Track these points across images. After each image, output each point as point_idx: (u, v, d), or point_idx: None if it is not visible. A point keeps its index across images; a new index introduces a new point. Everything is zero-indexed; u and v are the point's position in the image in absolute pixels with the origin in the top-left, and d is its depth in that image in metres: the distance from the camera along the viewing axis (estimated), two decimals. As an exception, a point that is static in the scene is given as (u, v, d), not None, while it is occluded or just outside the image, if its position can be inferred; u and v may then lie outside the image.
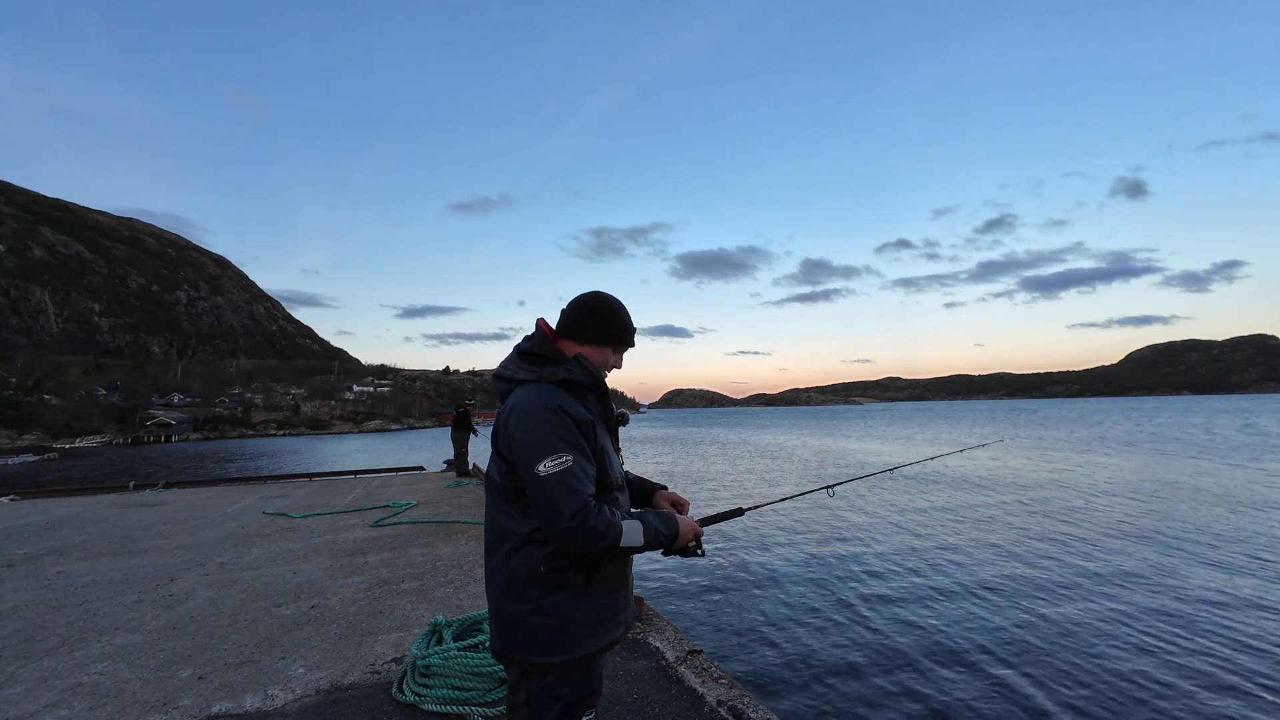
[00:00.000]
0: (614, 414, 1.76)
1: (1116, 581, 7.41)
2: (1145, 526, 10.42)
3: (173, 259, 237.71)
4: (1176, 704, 4.56)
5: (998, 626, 6.10)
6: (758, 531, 10.61)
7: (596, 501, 1.49)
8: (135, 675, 3.25)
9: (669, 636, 3.62)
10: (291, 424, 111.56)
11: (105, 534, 7.30)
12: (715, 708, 2.77)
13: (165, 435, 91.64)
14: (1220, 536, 9.57)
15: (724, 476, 20.45)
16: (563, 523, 1.43)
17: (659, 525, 1.62)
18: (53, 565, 5.79)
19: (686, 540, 1.74)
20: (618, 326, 1.72)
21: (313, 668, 3.28)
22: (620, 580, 1.66)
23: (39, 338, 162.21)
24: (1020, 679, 4.98)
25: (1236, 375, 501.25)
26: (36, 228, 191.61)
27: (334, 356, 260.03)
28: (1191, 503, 12.54)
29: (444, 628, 3.33)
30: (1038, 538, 9.75)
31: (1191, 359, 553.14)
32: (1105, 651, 5.46)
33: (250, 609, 4.31)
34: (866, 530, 10.56)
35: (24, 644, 3.75)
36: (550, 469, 1.45)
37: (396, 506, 8.53)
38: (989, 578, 7.70)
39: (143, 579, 5.21)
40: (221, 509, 9.09)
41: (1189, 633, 5.84)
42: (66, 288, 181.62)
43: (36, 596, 4.78)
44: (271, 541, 6.62)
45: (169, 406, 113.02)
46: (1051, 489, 14.98)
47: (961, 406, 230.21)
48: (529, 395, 1.56)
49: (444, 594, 4.53)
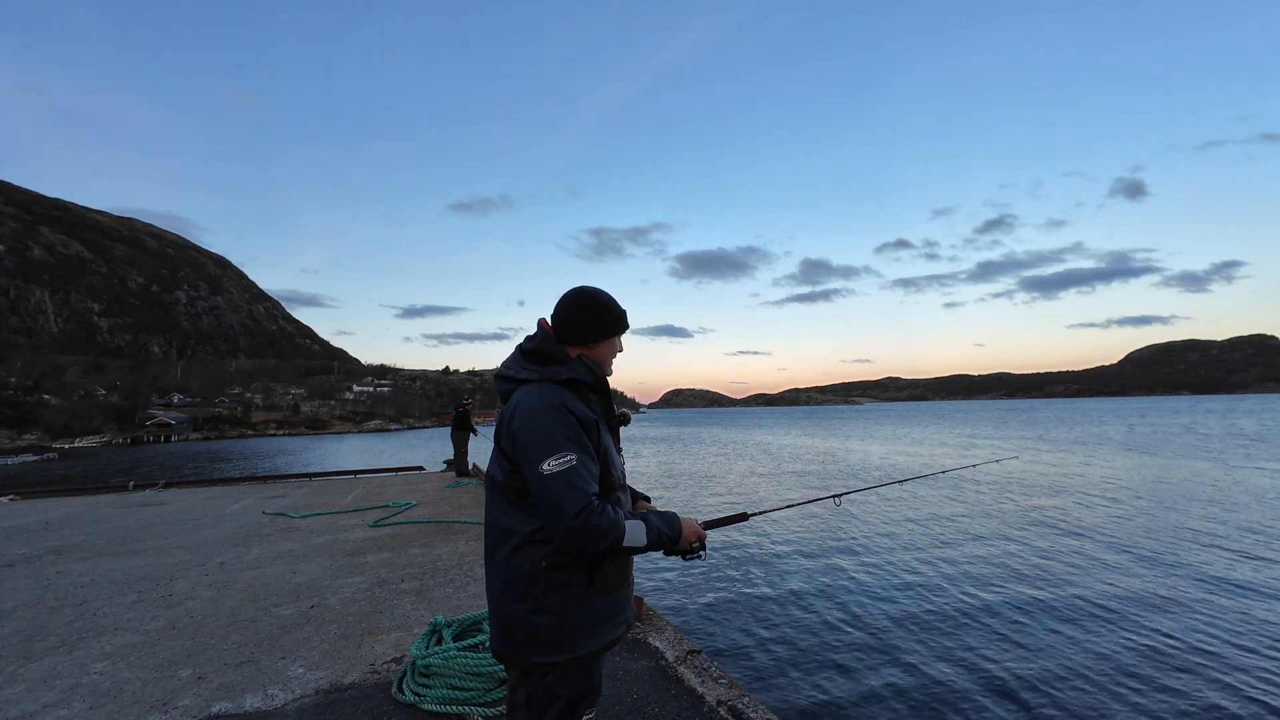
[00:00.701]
0: (615, 414, 1.77)
1: (1111, 586, 7.42)
2: (1150, 538, 10.42)
3: (172, 259, 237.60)
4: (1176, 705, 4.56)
5: (996, 628, 6.11)
6: (760, 534, 10.61)
7: (600, 500, 1.50)
8: (135, 675, 3.25)
9: (669, 636, 3.61)
10: (291, 424, 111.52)
11: (105, 534, 7.30)
12: (715, 707, 2.77)
13: (165, 435, 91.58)
14: (1215, 539, 9.58)
15: (724, 477, 20.44)
16: (566, 521, 1.43)
17: (662, 525, 1.63)
18: (52, 565, 5.79)
19: (689, 541, 1.74)
20: (613, 318, 1.73)
21: (312, 668, 3.28)
22: (621, 580, 1.66)
23: (38, 337, 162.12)
24: (1019, 680, 4.98)
25: (1236, 375, 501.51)
26: (36, 227, 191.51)
27: (334, 356, 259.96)
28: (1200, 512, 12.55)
29: (444, 628, 3.33)
30: (1039, 548, 9.75)
31: (1191, 359, 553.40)
32: (1102, 655, 5.46)
33: (250, 609, 4.31)
34: (868, 535, 10.55)
35: (24, 644, 3.75)
36: (554, 467, 1.46)
37: (396, 506, 8.53)
38: (990, 585, 7.70)
39: (142, 579, 5.20)
40: (221, 509, 9.09)
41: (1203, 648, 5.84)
42: (66, 287, 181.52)
43: (36, 596, 4.77)
44: (271, 541, 6.62)
45: (168, 406, 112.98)
46: (1056, 496, 14.97)
47: (960, 407, 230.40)
48: (533, 394, 1.57)
49: (444, 594, 4.52)
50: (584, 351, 1.70)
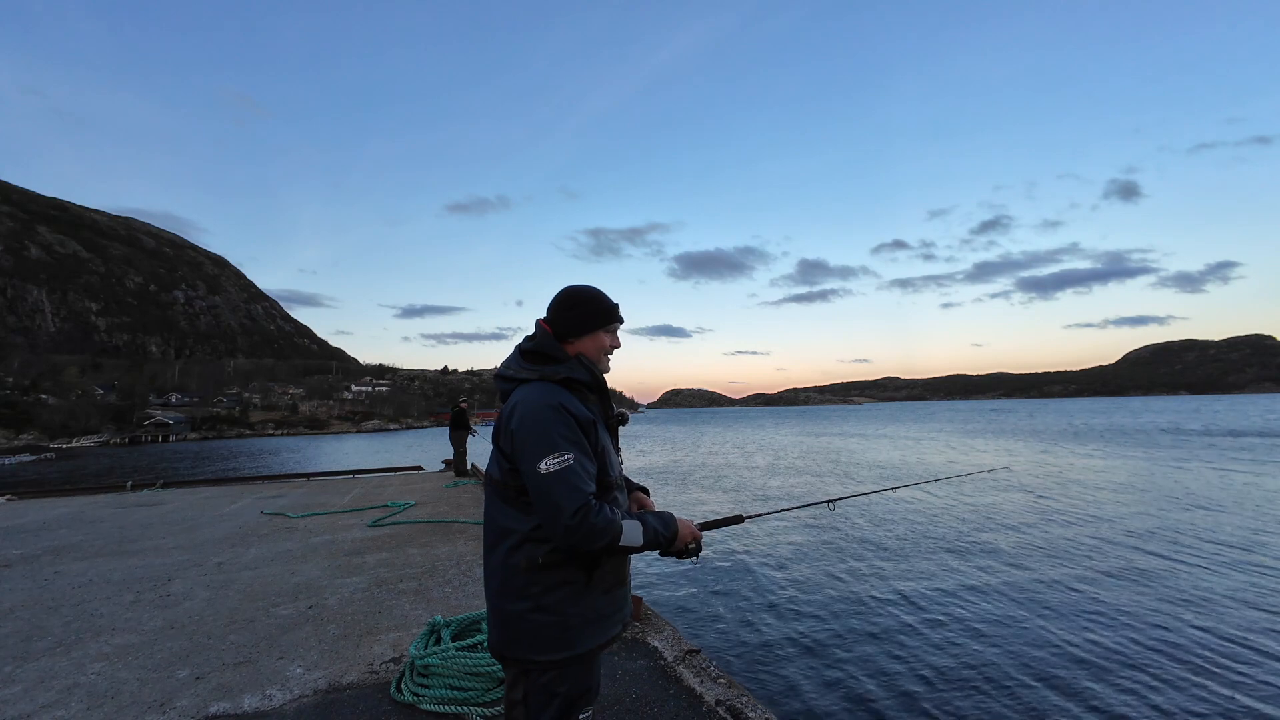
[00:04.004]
0: (614, 413, 1.77)
1: (1104, 588, 7.44)
2: (1151, 538, 10.45)
3: (170, 258, 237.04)
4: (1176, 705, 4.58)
5: (992, 630, 6.12)
6: (758, 535, 10.62)
7: (597, 500, 1.51)
8: (133, 675, 3.24)
9: (667, 636, 3.62)
10: (289, 424, 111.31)
11: (102, 534, 7.28)
12: (714, 707, 2.77)
13: (163, 435, 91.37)
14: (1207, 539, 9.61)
15: (722, 477, 20.44)
16: (564, 520, 1.44)
17: (658, 526, 1.63)
18: (50, 565, 5.78)
19: (685, 542, 1.75)
20: (599, 307, 1.74)
21: (311, 668, 3.28)
22: (618, 579, 1.67)
23: (35, 337, 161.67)
24: (1018, 681, 5.00)
25: (1233, 375, 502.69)
26: (33, 227, 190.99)
27: (332, 356, 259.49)
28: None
29: (442, 627, 3.33)
30: (1026, 552, 9.78)
31: (1189, 359, 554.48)
32: (1098, 658, 5.48)
33: (248, 609, 4.30)
34: (864, 537, 10.58)
35: (21, 644, 3.74)
36: (552, 466, 1.47)
37: (394, 506, 8.52)
38: (985, 587, 7.72)
39: (140, 579, 5.19)
40: (219, 509, 9.07)
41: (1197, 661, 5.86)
42: (63, 287, 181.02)
43: (34, 597, 4.76)
44: (269, 541, 6.61)
45: (166, 406, 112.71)
46: (1047, 500, 15.00)
47: (956, 406, 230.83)
48: (531, 394, 1.58)
49: (442, 594, 4.52)
50: (579, 345, 1.71)
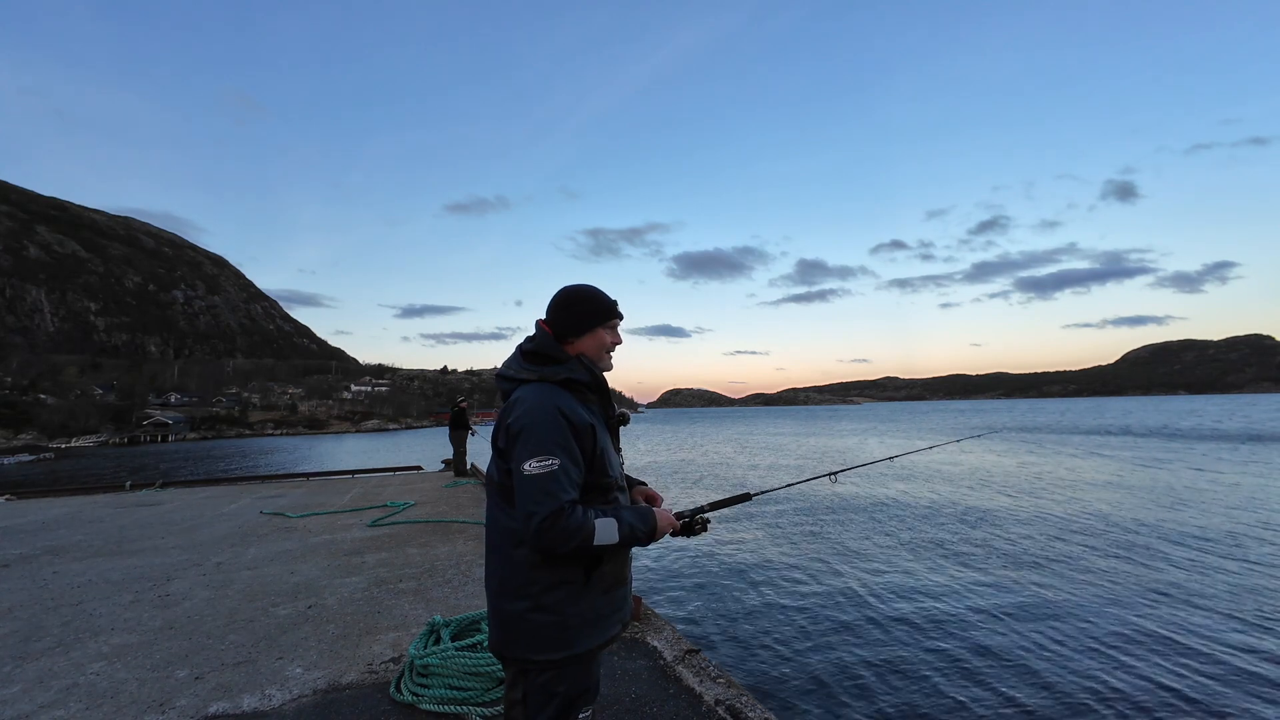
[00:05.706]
0: (615, 413, 1.77)
1: (1104, 572, 7.44)
2: (1125, 520, 10.47)
3: (169, 258, 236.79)
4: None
5: (994, 624, 6.11)
6: (757, 532, 10.63)
7: (573, 505, 1.50)
8: (132, 675, 3.24)
9: (667, 636, 3.61)
10: (289, 423, 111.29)
11: (101, 534, 7.28)
12: (713, 707, 2.77)
13: (162, 435, 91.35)
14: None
15: (725, 470, 20.45)
16: (534, 523, 1.45)
17: (635, 522, 1.61)
18: (49, 565, 5.77)
19: (665, 534, 1.75)
20: (597, 305, 1.74)
21: (310, 668, 3.28)
22: (618, 578, 1.67)
23: (35, 337, 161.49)
24: (1018, 682, 4.99)
25: (1232, 375, 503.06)
26: (32, 226, 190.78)
27: (331, 356, 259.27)
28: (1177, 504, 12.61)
29: (442, 627, 3.32)
30: (1030, 529, 9.78)
31: (1188, 359, 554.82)
32: (1096, 651, 5.48)
33: (247, 609, 4.30)
34: (865, 534, 10.58)
35: (20, 644, 3.74)
36: (535, 469, 1.47)
37: (394, 506, 8.51)
38: (986, 574, 7.71)
39: (139, 579, 5.19)
40: (218, 509, 9.07)
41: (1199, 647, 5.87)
42: (62, 287, 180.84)
43: (32, 596, 4.76)
44: (269, 541, 6.60)
45: (165, 406, 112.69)
46: (1042, 481, 15.05)
47: (956, 406, 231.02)
48: (530, 394, 1.58)
49: (441, 594, 4.52)
50: (578, 344, 1.71)
